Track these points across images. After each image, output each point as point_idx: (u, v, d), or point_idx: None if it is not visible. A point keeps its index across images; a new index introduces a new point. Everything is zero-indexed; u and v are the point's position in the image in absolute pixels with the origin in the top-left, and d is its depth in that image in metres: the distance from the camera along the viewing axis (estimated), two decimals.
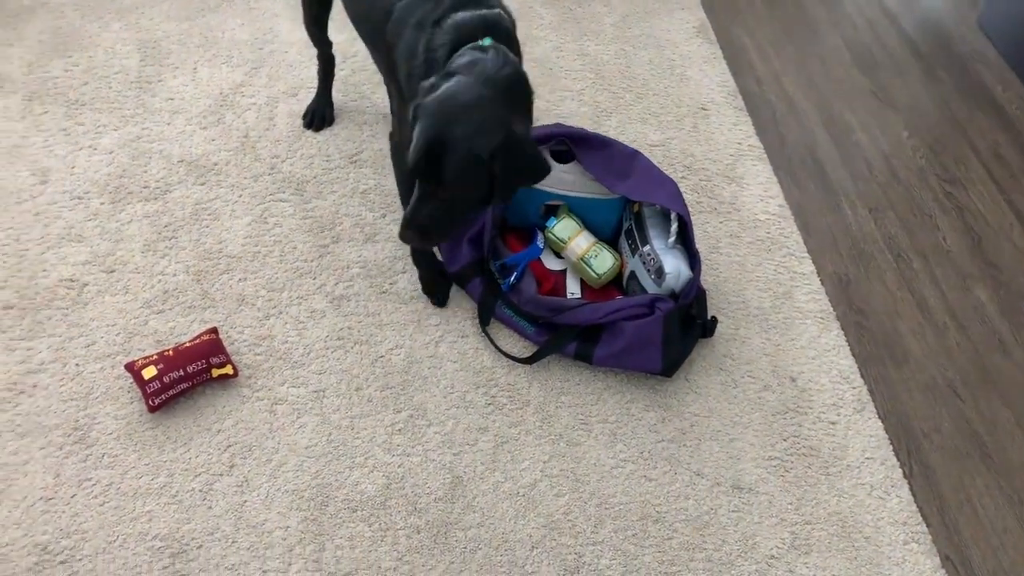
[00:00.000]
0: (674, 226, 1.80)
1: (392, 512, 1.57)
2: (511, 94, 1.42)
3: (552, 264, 1.93)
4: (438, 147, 1.36)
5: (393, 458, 1.64)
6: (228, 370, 1.67)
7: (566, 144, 1.88)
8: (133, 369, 1.62)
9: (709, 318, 1.87)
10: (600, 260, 1.87)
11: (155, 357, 1.63)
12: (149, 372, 1.60)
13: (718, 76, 2.56)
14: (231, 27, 2.43)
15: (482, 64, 1.41)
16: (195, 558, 1.48)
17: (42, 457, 1.56)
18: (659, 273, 1.77)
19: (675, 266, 1.76)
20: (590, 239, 1.90)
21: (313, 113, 2.18)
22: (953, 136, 2.50)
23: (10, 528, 1.47)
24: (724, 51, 2.66)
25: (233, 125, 2.17)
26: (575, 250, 1.88)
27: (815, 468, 1.72)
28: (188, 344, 1.67)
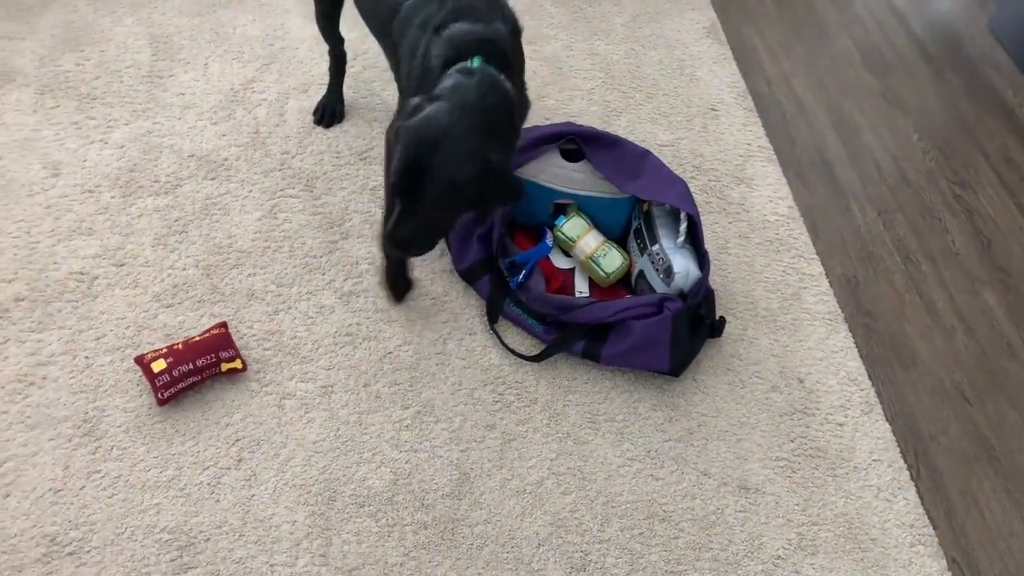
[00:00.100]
0: (683, 226, 1.80)
1: (399, 508, 1.58)
2: (490, 123, 1.46)
3: (561, 263, 1.94)
4: (418, 171, 1.40)
5: (400, 454, 1.64)
6: (237, 364, 1.68)
7: (576, 143, 1.89)
8: (142, 362, 1.63)
9: (717, 318, 1.87)
10: (609, 259, 1.87)
11: (164, 350, 1.64)
12: (158, 365, 1.61)
13: (728, 77, 2.55)
14: (243, 23, 2.44)
15: (464, 90, 1.45)
16: (202, 551, 1.48)
17: (51, 449, 1.57)
18: (668, 273, 1.77)
19: (684, 266, 1.76)
20: (599, 238, 1.90)
21: (324, 109, 2.19)
22: (963, 139, 2.50)
23: (19, 519, 1.48)
24: (734, 52, 2.66)
25: (244, 120, 2.17)
26: (584, 249, 1.89)
27: (822, 469, 1.72)
28: (197, 338, 1.68)
